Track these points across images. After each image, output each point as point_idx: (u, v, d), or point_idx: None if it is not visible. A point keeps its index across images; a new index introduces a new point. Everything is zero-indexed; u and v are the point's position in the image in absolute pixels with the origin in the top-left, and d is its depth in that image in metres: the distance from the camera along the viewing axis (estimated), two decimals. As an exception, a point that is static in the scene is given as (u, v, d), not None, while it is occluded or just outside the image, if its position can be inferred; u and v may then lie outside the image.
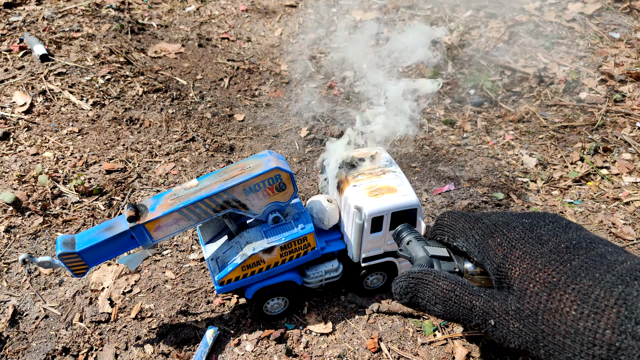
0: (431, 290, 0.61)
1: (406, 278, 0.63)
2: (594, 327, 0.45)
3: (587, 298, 0.47)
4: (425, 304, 0.62)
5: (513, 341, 0.53)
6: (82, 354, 1.04)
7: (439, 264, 0.67)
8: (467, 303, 0.58)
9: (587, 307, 0.46)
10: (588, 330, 0.45)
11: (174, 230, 0.95)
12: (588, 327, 0.45)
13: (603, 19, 2.29)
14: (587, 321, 0.46)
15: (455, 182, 1.50)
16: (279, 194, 0.96)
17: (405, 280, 0.63)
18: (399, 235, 0.78)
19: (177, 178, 1.47)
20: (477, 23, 2.30)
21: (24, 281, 1.17)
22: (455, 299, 0.59)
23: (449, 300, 0.59)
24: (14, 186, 1.37)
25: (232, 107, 1.78)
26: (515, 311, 0.53)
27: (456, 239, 0.67)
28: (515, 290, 0.54)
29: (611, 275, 0.47)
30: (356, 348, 1.07)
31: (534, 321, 0.50)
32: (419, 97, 1.07)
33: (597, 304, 0.46)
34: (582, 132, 1.71)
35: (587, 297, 0.47)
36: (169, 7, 2.36)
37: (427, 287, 0.61)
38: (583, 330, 0.46)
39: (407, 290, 0.63)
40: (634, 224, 1.38)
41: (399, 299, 0.64)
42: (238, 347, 1.06)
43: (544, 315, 0.49)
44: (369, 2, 2.48)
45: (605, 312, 0.45)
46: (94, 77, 1.78)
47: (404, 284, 0.63)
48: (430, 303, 0.61)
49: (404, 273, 0.64)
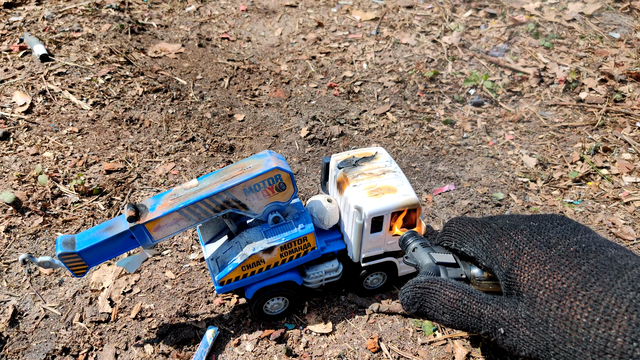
0: (438, 299, 0.60)
1: (413, 288, 0.63)
2: (605, 335, 0.44)
3: (598, 305, 0.46)
4: (433, 314, 0.61)
5: (524, 349, 0.53)
6: (82, 354, 1.04)
7: (446, 270, 0.66)
8: (475, 312, 0.57)
9: (598, 315, 0.46)
10: (599, 338, 0.45)
11: (174, 230, 0.95)
12: (599, 335, 0.45)
13: (603, 19, 2.29)
14: (599, 329, 0.45)
15: (455, 182, 1.50)
16: (279, 194, 0.96)
17: (412, 290, 0.62)
18: (404, 242, 0.78)
19: (177, 178, 1.47)
20: (477, 23, 2.30)
21: (24, 281, 1.17)
22: (463, 307, 0.58)
23: (457, 309, 0.58)
24: (14, 186, 1.37)
25: (232, 107, 1.78)
26: (525, 319, 0.52)
27: (463, 244, 0.66)
28: (525, 297, 0.53)
29: (622, 281, 0.47)
30: (356, 348, 1.07)
31: (545, 329, 0.50)
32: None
33: (608, 311, 0.45)
34: (582, 132, 1.71)
35: (598, 304, 0.46)
36: (169, 7, 2.36)
37: (434, 296, 0.61)
38: (594, 338, 0.45)
39: (414, 300, 0.62)
40: (634, 224, 1.38)
41: (407, 309, 0.63)
42: (238, 347, 1.06)
43: (555, 323, 0.49)
44: (369, 2, 2.48)
45: (617, 319, 0.44)
46: (94, 77, 1.78)
47: (411, 294, 0.62)
48: (438, 312, 0.60)
49: (410, 282, 0.64)
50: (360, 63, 2.07)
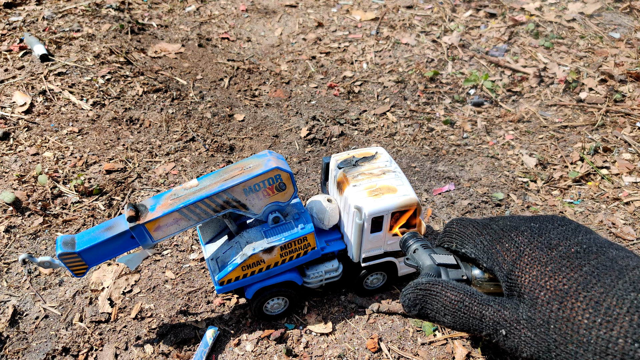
0: (440, 301, 0.60)
1: (414, 290, 0.63)
2: (607, 336, 0.45)
3: (599, 306, 0.46)
4: (434, 315, 0.61)
5: (525, 351, 0.53)
6: (82, 354, 1.04)
7: (447, 272, 0.66)
8: (477, 313, 0.57)
9: (599, 316, 0.46)
10: (601, 339, 0.45)
11: (174, 230, 0.95)
12: (601, 336, 0.45)
13: (603, 19, 2.29)
14: (600, 330, 0.45)
15: (455, 182, 1.50)
16: (279, 194, 0.96)
17: (413, 292, 0.62)
18: (405, 243, 0.77)
19: (177, 178, 1.47)
20: (477, 23, 2.30)
21: (24, 281, 1.17)
22: (464, 309, 0.58)
23: (458, 310, 0.58)
24: (14, 186, 1.37)
25: (232, 107, 1.78)
26: (526, 320, 0.52)
27: (464, 245, 0.66)
28: (526, 298, 0.53)
29: (623, 282, 0.47)
30: (356, 348, 1.07)
31: (546, 330, 0.50)
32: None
33: (609, 312, 0.45)
34: (582, 132, 1.71)
35: (599, 305, 0.46)
36: (169, 7, 2.36)
37: (435, 298, 0.61)
38: (596, 339, 0.45)
39: (415, 302, 0.62)
40: (634, 224, 1.38)
41: (408, 311, 0.63)
42: (238, 347, 1.06)
43: (556, 324, 0.49)
44: (369, 2, 2.48)
45: (618, 320, 0.44)
46: (94, 77, 1.78)
47: (412, 295, 0.62)
48: (439, 314, 0.60)
49: (412, 284, 0.63)
50: (360, 63, 2.07)
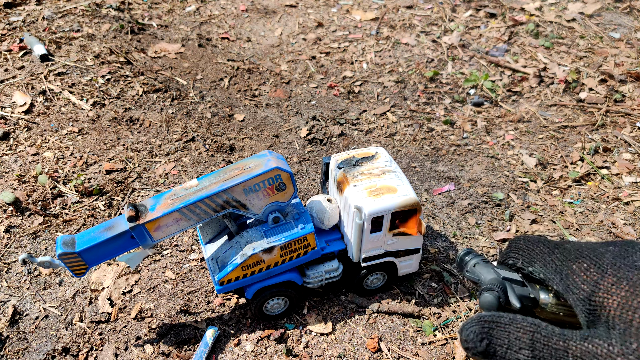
0: (513, 333, 0.52)
1: (478, 322, 0.53)
2: None
3: None
4: (505, 351, 0.51)
5: None
6: (82, 354, 1.04)
7: (512, 287, 0.61)
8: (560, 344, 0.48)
9: None
10: None
11: (174, 230, 0.95)
12: None
13: (603, 19, 2.29)
14: None
15: (455, 182, 1.50)
16: (279, 194, 0.96)
17: (478, 324, 0.53)
18: (463, 259, 0.74)
19: (177, 178, 1.47)
20: (477, 23, 2.30)
21: (24, 281, 1.17)
22: (543, 340, 0.49)
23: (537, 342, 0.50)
24: (14, 186, 1.37)
25: (232, 107, 1.78)
26: (621, 350, 0.44)
27: (532, 263, 0.58)
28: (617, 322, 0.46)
29: None
30: (356, 348, 1.07)
31: None
32: None
33: None
34: (582, 132, 1.71)
35: None
36: (169, 7, 2.36)
37: (505, 330, 0.52)
38: None
39: (482, 337, 0.52)
40: (634, 224, 1.38)
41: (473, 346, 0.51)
42: (238, 347, 1.06)
43: None
44: (369, 2, 2.48)
45: None
46: (94, 77, 1.78)
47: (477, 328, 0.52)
48: (512, 349, 0.51)
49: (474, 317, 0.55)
50: (360, 63, 2.07)
